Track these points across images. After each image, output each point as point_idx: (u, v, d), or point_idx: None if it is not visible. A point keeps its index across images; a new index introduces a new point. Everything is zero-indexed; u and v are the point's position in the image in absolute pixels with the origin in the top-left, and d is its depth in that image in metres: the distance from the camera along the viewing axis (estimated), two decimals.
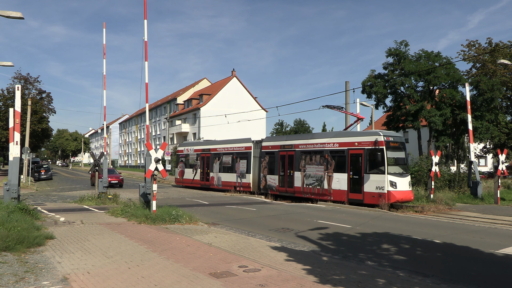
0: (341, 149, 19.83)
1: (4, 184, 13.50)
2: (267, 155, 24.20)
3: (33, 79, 46.16)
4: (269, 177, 23.92)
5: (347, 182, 19.20)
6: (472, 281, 7.07)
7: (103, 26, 20.41)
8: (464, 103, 28.14)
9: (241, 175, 26.09)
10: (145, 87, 15.20)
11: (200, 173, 30.03)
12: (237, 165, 26.52)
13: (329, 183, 20.08)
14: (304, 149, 21.82)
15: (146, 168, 13.90)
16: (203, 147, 30.38)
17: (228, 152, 27.57)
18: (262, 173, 24.38)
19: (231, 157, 27.11)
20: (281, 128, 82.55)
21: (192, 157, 31.23)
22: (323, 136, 21.56)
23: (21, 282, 6.22)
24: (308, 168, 21.35)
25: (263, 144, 24.70)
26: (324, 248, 9.77)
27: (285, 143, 23.21)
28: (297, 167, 22.02)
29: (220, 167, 28.08)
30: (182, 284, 6.34)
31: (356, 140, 19.25)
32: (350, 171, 19.16)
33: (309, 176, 21.24)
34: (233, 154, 27.04)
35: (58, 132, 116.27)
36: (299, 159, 21.91)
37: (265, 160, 24.21)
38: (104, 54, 20.47)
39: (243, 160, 26.10)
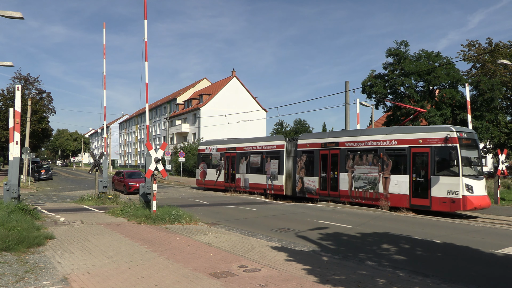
0: (400, 147, 17.37)
1: (4, 184, 13.50)
2: (304, 154, 21.72)
3: (33, 79, 46.17)
4: (307, 179, 21.39)
5: (408, 185, 16.86)
6: (472, 281, 7.07)
7: (103, 26, 20.41)
8: (464, 103, 28.17)
9: (272, 177, 23.71)
10: (145, 87, 15.21)
11: (225, 174, 27.77)
12: (267, 165, 24.16)
13: (385, 186, 17.67)
14: (352, 147, 19.31)
15: (146, 168, 13.91)
16: (228, 146, 28.00)
17: (257, 151, 25.21)
18: (298, 174, 21.92)
19: (260, 157, 24.82)
20: (281, 128, 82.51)
21: (215, 157, 28.86)
22: (376, 133, 18.93)
23: (21, 282, 6.22)
24: (358, 169, 18.87)
25: (299, 142, 22.22)
26: (324, 248, 9.77)
27: (328, 140, 20.63)
28: (342, 167, 19.58)
29: (248, 167, 25.71)
30: (182, 284, 6.34)
31: (420, 137, 16.75)
32: (412, 173, 16.82)
33: (359, 178, 18.76)
34: (262, 154, 24.72)
35: (58, 132, 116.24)
36: (346, 158, 19.44)
37: (301, 160, 21.78)
38: (104, 54, 20.48)
39: (274, 160, 23.73)
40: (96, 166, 20.19)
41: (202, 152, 30.66)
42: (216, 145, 29.27)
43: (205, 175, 29.85)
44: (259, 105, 62.58)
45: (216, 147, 29.01)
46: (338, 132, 21.70)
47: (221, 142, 29.85)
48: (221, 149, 28.47)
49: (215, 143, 29.98)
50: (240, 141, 27.89)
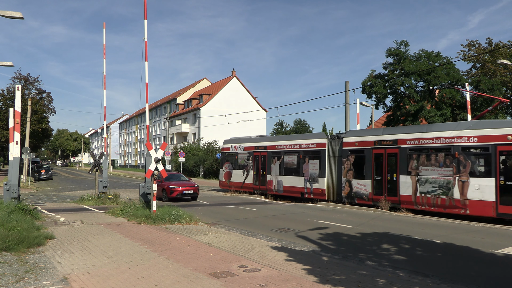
0: (482, 145, 14.97)
1: (4, 184, 13.50)
2: (352, 154, 19.16)
3: (33, 79, 46.19)
4: (356, 182, 18.79)
5: (494, 190, 14.32)
6: (472, 281, 7.07)
7: (103, 26, 20.41)
8: (464, 103, 28.19)
9: (311, 179, 21.05)
10: (145, 87, 15.21)
11: (253, 176, 25.13)
12: (305, 166, 21.51)
13: (463, 191, 15.12)
14: (416, 146, 16.75)
15: (146, 168, 13.91)
16: (257, 144, 25.33)
17: (292, 150, 22.56)
18: (345, 177, 19.31)
19: (297, 157, 22.16)
20: (281, 128, 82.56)
21: (242, 156, 26.25)
22: (447, 128, 16.26)
23: (21, 282, 6.22)
24: (425, 170, 16.27)
25: (345, 140, 19.59)
26: (324, 248, 9.77)
27: (383, 138, 18.07)
28: (404, 169, 16.95)
29: (281, 168, 23.08)
30: (182, 284, 6.33)
31: (509, 133, 14.32)
32: (499, 175, 14.31)
33: (426, 182, 16.17)
34: (298, 153, 22.08)
35: (58, 132, 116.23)
36: (408, 158, 16.88)
37: (348, 160, 19.21)
38: (104, 54, 20.48)
39: (313, 161, 21.10)
40: (96, 166, 20.18)
41: (226, 151, 27.87)
42: (243, 143, 26.48)
43: (230, 176, 27.20)
44: (259, 105, 62.59)
45: (243, 146, 26.29)
46: (396, 128, 19.44)
47: (248, 139, 26.88)
48: (249, 148, 25.82)
49: (242, 141, 27.10)
50: (272, 139, 25.48)
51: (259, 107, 61.88)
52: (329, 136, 21.39)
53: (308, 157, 21.52)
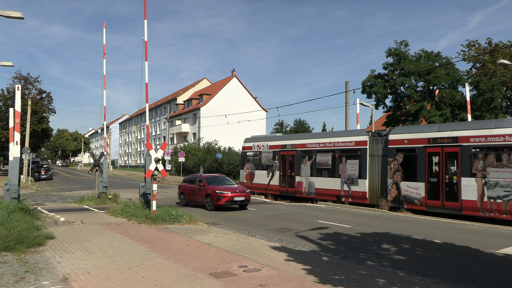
0: None
1: (4, 184, 13.50)
2: (399, 153, 17.21)
3: (33, 79, 46.22)
4: (405, 184, 16.83)
5: None
6: (472, 281, 7.07)
7: (103, 26, 20.43)
8: (464, 103, 28.19)
9: (350, 181, 19.15)
10: (145, 87, 15.21)
11: (280, 177, 23.13)
12: (342, 166, 19.57)
13: None
14: (482, 144, 14.83)
15: (146, 168, 13.91)
16: (284, 142, 23.35)
17: (326, 149, 20.58)
18: (391, 178, 17.36)
19: (331, 156, 20.21)
20: (281, 128, 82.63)
21: (266, 156, 24.32)
22: None
23: (21, 282, 6.22)
24: (494, 172, 14.33)
25: (392, 138, 17.66)
26: (324, 248, 9.77)
27: (439, 135, 15.97)
28: (466, 170, 15.03)
29: (313, 169, 21.12)
30: (182, 284, 6.34)
31: None
32: None
33: (496, 185, 14.25)
34: (334, 152, 20.11)
35: (58, 132, 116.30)
36: (473, 158, 14.93)
37: (396, 160, 17.26)
38: (104, 54, 20.49)
39: (352, 160, 19.17)
40: (96, 166, 20.19)
41: (248, 150, 25.82)
42: (267, 142, 24.50)
43: (252, 177, 25.18)
44: (259, 105, 62.59)
45: (267, 144, 24.33)
46: (454, 124, 17.10)
47: (273, 137, 24.96)
48: (275, 147, 23.81)
49: (266, 139, 25.18)
50: (301, 137, 23.22)
51: (259, 107, 61.88)
52: (371, 133, 19.34)
53: (346, 157, 19.55)
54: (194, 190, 18.57)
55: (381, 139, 18.45)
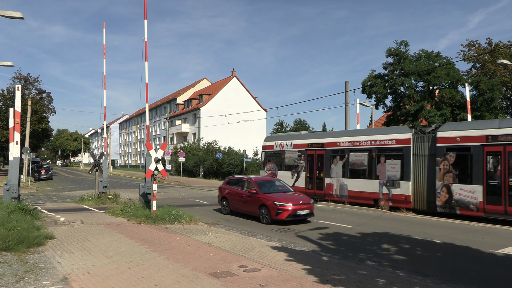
0: None
1: (4, 184, 13.50)
2: (451, 152, 15.63)
3: (33, 79, 46.17)
4: (458, 187, 15.21)
5: None
6: (472, 281, 7.07)
7: (103, 26, 20.42)
8: (464, 103, 28.20)
9: (390, 183, 17.50)
10: (145, 87, 15.21)
11: (306, 178, 21.48)
12: (380, 167, 17.96)
13: None
14: None
15: (146, 168, 13.91)
16: (311, 141, 21.69)
17: (362, 148, 18.94)
18: (441, 180, 15.74)
19: (367, 156, 18.60)
20: (281, 128, 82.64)
21: (290, 155, 22.73)
22: None
23: (21, 282, 6.22)
24: None
25: (441, 135, 15.99)
26: (324, 248, 9.77)
27: (502, 132, 14.39)
28: None
29: (345, 170, 19.54)
30: (182, 284, 6.34)
31: None
32: None
33: None
34: (370, 151, 18.51)
35: (58, 132, 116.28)
36: None
37: (446, 160, 15.66)
38: (104, 54, 20.48)
39: (392, 160, 17.55)
40: (96, 166, 20.18)
41: (270, 149, 24.27)
42: (292, 140, 22.88)
43: None
44: (259, 105, 62.60)
45: (292, 143, 22.72)
46: None
47: (298, 136, 23.30)
48: (300, 145, 22.19)
49: (289, 137, 23.56)
50: (331, 135, 21.46)
51: (259, 107, 61.88)
52: (414, 130, 17.71)
53: (385, 156, 17.90)
54: (243, 197, 14.88)
55: (427, 137, 16.79)
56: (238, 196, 15.24)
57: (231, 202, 15.68)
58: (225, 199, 16.01)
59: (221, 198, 16.28)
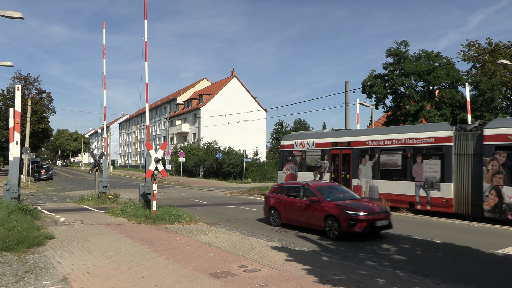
0: None
1: (4, 184, 13.50)
2: (501, 151, 14.18)
3: (33, 79, 46.18)
4: (510, 190, 13.86)
5: None
6: (472, 281, 7.07)
7: (103, 26, 20.42)
8: (464, 103, 28.20)
9: (428, 185, 16.08)
10: (145, 87, 15.21)
11: (331, 180, 19.89)
12: (417, 168, 16.54)
13: None
14: None
15: (146, 168, 13.91)
16: (336, 140, 20.22)
17: (395, 146, 17.48)
18: (489, 182, 14.36)
19: (401, 155, 17.15)
20: (281, 128, 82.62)
21: (312, 155, 21.30)
22: None
23: (21, 282, 6.22)
24: None
25: (489, 133, 14.60)
26: (324, 248, 9.77)
27: None
28: None
29: (375, 170, 18.12)
30: (182, 284, 6.34)
31: None
32: None
33: None
34: (405, 150, 17.03)
35: (58, 132, 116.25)
36: None
37: (495, 160, 14.26)
38: (104, 54, 20.48)
39: (430, 160, 16.11)
40: (96, 166, 20.18)
41: (289, 148, 22.84)
42: (314, 139, 21.43)
43: (294, 179, 22.01)
44: (259, 105, 62.59)
45: (314, 142, 21.30)
46: None
47: (320, 134, 21.77)
48: (323, 144, 20.74)
49: (311, 136, 22.07)
50: (358, 133, 19.98)
51: (259, 107, 61.88)
52: (456, 128, 16.17)
53: (422, 156, 16.45)
54: (300, 207, 12.33)
55: (471, 135, 15.34)
56: (293, 206, 12.65)
57: (284, 213, 13.08)
58: (274, 210, 13.49)
59: (269, 208, 13.79)
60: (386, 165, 17.82)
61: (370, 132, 19.68)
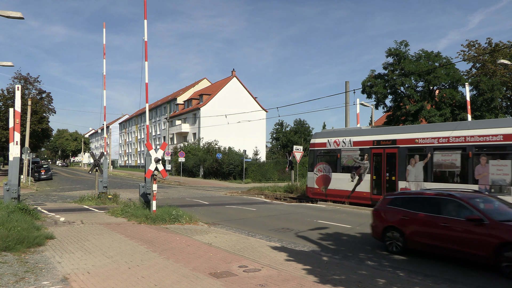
0: None
1: (4, 184, 13.50)
2: None
3: (33, 79, 46.17)
4: None
5: None
6: (472, 281, 7.07)
7: (103, 26, 20.41)
8: (464, 103, 28.19)
9: (495, 189, 14.15)
10: (145, 87, 15.21)
11: (372, 182, 18.17)
12: (480, 169, 14.58)
13: None
14: None
15: (146, 168, 13.91)
16: (378, 137, 18.37)
17: (451, 145, 15.60)
18: None
19: (460, 155, 15.21)
20: (281, 128, 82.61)
21: (349, 155, 19.39)
22: None
23: (21, 282, 6.22)
24: None
25: None
26: (324, 248, 9.77)
27: None
28: None
29: (428, 172, 16.13)
30: (182, 284, 6.34)
31: None
32: None
33: None
34: (464, 149, 15.12)
35: (58, 132, 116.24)
36: None
37: None
38: (104, 54, 20.48)
39: (498, 161, 14.17)
40: (96, 166, 20.18)
41: (321, 147, 20.84)
42: (350, 137, 19.49)
43: (327, 181, 20.26)
44: (259, 105, 62.60)
45: (351, 140, 19.38)
46: None
47: (358, 131, 19.68)
48: (363, 143, 18.83)
49: (347, 133, 20.02)
50: (405, 130, 18.06)
51: (259, 107, 61.88)
52: None
53: (487, 156, 14.53)
54: (447, 229, 8.57)
55: None
56: (431, 226, 8.90)
57: (412, 235, 9.23)
58: (395, 230, 9.58)
59: (385, 228, 9.81)
60: (441, 166, 15.84)
61: (419, 128, 17.56)
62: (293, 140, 75.70)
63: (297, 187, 26.15)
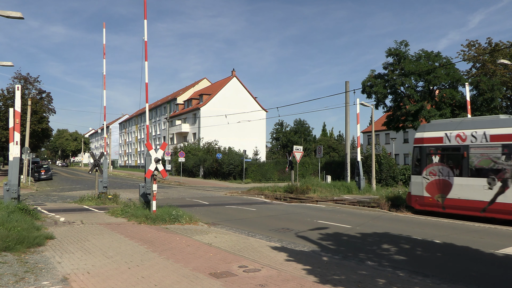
0: None
1: (4, 184, 13.50)
2: None
3: (33, 79, 46.20)
4: None
5: None
6: (472, 281, 7.07)
7: (103, 26, 20.42)
8: (464, 103, 28.17)
9: None
10: (145, 87, 15.21)
11: None
12: None
13: None
14: None
15: (146, 168, 13.91)
16: None
17: None
18: None
19: None
20: (281, 128, 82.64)
21: (482, 152, 14.19)
22: None
23: (21, 282, 6.22)
24: None
25: None
26: (324, 248, 9.77)
27: None
28: None
29: None
30: (182, 284, 6.33)
31: None
32: None
33: None
34: None
35: (58, 132, 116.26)
36: None
37: None
38: (104, 54, 20.48)
39: None
40: (96, 166, 20.17)
41: (434, 143, 15.81)
42: (484, 129, 14.26)
43: (445, 188, 15.20)
44: (259, 105, 62.60)
45: (485, 133, 14.17)
46: None
47: (492, 122, 14.45)
48: (505, 137, 13.62)
49: (475, 125, 14.71)
50: None
51: (259, 107, 61.89)
52: None
53: None
54: None
55: None
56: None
57: None
58: None
59: None
60: None
61: None
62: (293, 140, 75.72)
63: (297, 187, 26.12)
